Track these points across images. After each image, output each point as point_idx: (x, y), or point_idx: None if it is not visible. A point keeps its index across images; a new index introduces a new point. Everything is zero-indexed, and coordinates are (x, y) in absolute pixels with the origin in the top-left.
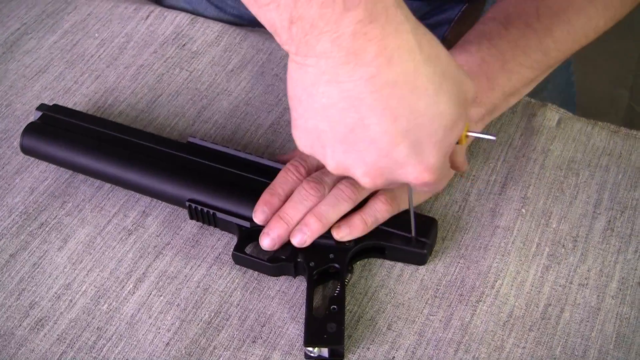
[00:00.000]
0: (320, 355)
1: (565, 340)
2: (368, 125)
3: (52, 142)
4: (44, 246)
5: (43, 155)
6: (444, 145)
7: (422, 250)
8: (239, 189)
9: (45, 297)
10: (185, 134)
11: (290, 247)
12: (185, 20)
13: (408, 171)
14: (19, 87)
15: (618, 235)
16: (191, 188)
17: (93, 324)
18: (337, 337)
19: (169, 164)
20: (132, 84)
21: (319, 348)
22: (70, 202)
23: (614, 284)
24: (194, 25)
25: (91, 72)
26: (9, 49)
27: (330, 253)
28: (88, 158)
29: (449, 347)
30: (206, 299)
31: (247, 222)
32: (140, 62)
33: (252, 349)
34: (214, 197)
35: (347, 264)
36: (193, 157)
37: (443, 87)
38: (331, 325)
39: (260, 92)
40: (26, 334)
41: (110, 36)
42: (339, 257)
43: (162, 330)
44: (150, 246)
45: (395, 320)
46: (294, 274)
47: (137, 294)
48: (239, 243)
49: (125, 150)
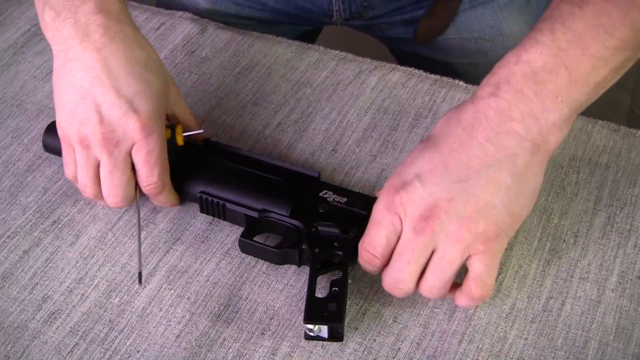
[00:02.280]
0: (319, 335)
1: (566, 332)
2: (101, 84)
3: None
4: (56, 242)
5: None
6: (153, 101)
7: None
8: (248, 182)
9: (57, 291)
10: None
11: (296, 235)
12: (195, 30)
13: (129, 119)
14: (29, 88)
15: (618, 231)
16: (203, 181)
17: (105, 317)
18: (337, 316)
19: (183, 160)
20: None
21: (319, 326)
22: (82, 200)
23: (613, 277)
24: (203, 35)
25: None
26: (20, 50)
27: (334, 242)
28: None
29: (453, 338)
30: (216, 293)
31: (254, 212)
32: None
33: (260, 341)
34: (224, 189)
35: (351, 252)
36: (206, 154)
37: (150, 61)
38: (332, 304)
39: (268, 92)
40: (39, 326)
41: None
42: (343, 245)
43: (173, 322)
44: (161, 242)
45: (400, 313)
46: (298, 263)
47: (148, 287)
48: (246, 231)
49: None
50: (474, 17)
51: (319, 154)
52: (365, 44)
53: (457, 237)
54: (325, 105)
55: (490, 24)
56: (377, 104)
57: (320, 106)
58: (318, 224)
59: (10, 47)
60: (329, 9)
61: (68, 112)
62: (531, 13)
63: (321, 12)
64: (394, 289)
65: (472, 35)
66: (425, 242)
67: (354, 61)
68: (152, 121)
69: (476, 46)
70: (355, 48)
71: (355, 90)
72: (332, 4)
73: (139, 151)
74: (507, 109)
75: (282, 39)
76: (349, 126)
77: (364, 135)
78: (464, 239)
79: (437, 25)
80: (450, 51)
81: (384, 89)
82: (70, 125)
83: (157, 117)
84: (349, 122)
